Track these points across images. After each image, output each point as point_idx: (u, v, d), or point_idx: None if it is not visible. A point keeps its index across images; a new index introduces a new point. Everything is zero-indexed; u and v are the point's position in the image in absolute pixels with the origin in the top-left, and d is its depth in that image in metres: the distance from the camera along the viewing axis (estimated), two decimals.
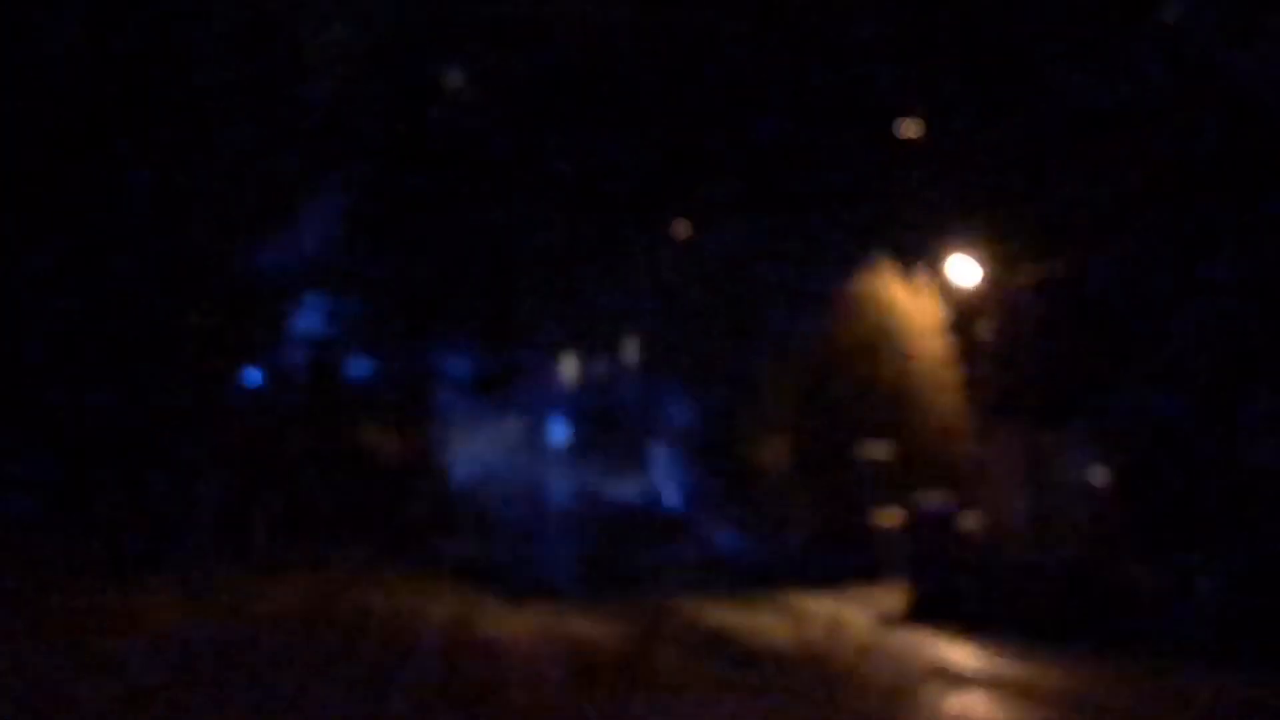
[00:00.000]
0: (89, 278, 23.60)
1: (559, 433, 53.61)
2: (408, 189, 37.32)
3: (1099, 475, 29.52)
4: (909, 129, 40.65)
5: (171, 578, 19.75)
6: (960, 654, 15.40)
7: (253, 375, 28.97)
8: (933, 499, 32.92)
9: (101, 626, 13.17)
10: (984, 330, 35.10)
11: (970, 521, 32.12)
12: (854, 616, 25.98)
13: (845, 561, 33.95)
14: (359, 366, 36.57)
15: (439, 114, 42.58)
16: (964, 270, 36.20)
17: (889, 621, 26.62)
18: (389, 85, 34.80)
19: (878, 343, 38.99)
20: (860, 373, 38.75)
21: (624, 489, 50.54)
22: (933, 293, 39.01)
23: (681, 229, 58.30)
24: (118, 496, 21.10)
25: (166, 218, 25.65)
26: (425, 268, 37.41)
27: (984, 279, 34.97)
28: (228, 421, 25.32)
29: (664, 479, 51.04)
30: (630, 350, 64.04)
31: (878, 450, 37.11)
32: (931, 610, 29.41)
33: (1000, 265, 33.70)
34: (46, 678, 10.81)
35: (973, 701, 8.46)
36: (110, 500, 20.78)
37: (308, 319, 31.77)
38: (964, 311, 37.41)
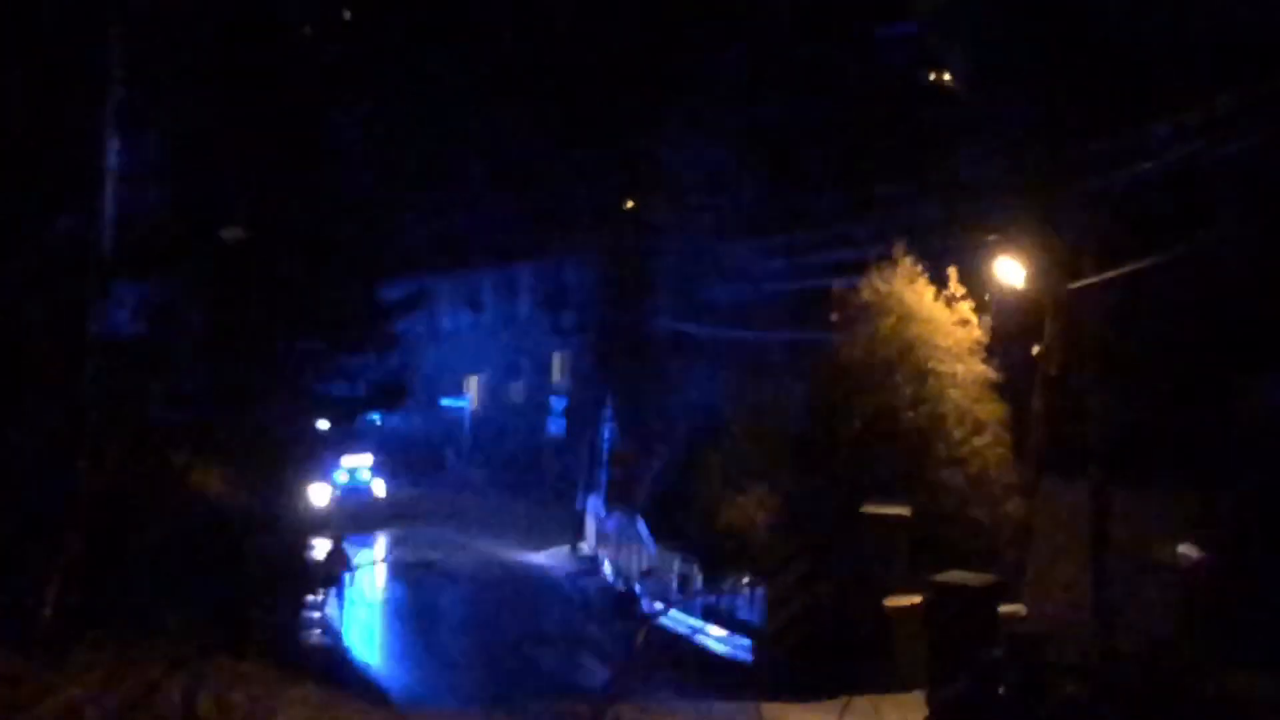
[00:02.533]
0: None
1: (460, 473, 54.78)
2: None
3: (1192, 550, 29.43)
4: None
5: None
6: None
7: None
8: (963, 578, 32.70)
9: None
10: (1038, 351, 34.94)
11: (1014, 608, 31.93)
12: None
13: (845, 660, 33.61)
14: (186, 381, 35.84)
15: None
16: (1010, 272, 36.04)
17: None
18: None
19: (895, 366, 38.77)
20: (871, 405, 38.51)
21: (550, 555, 50.85)
22: (969, 301, 38.83)
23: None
24: None
25: None
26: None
27: (1039, 281, 34.79)
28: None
29: (602, 543, 51.15)
30: (558, 370, 64.99)
31: (893, 510, 36.83)
32: None
33: (1063, 263, 33.55)
34: None
35: None
36: None
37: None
38: (1011, 326, 37.30)
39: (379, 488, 59.71)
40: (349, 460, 57.94)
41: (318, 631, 36.78)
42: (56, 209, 23.71)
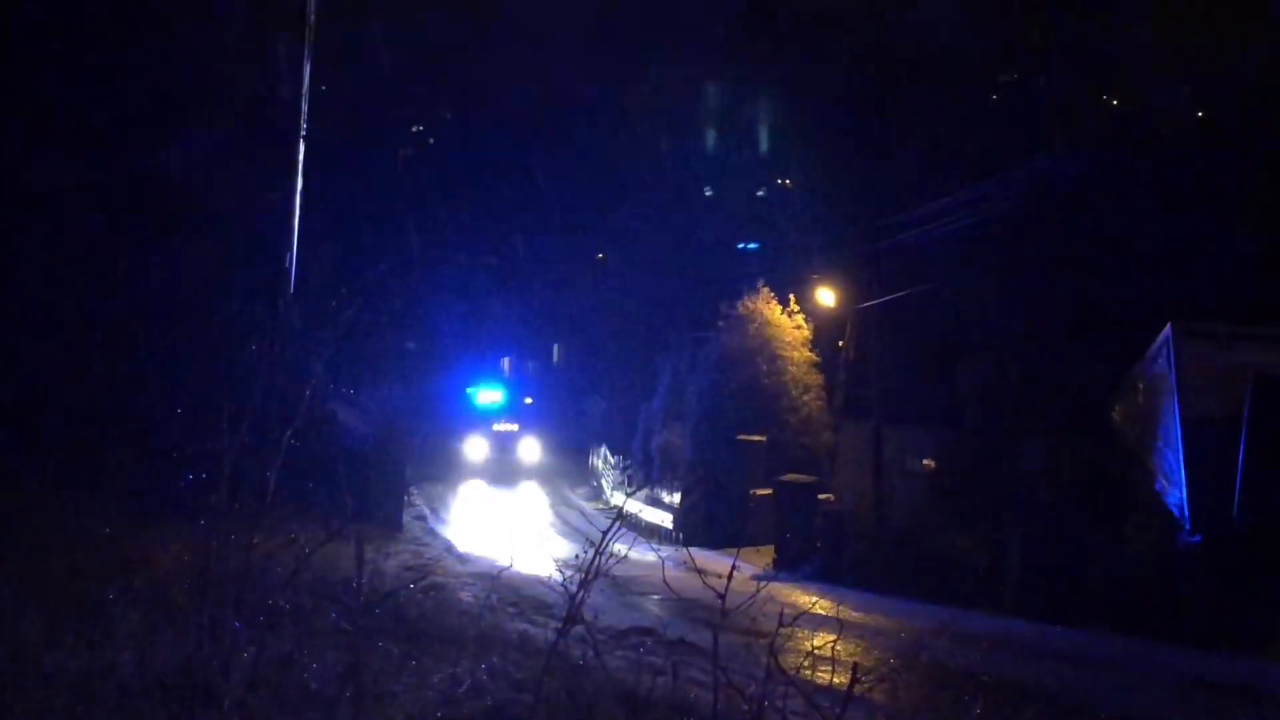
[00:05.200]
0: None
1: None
2: None
3: (929, 463, 29.94)
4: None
5: None
6: (811, 599, 15.75)
7: None
8: (796, 478, 33.32)
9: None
10: (841, 345, 35.59)
11: (826, 496, 32.51)
12: (728, 568, 26.00)
13: (727, 526, 34.06)
14: None
15: None
16: (825, 297, 36.88)
17: (759, 575, 26.79)
18: None
19: (759, 351, 39.26)
20: (744, 376, 38.96)
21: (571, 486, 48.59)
22: (800, 315, 39.47)
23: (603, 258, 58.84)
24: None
25: None
26: None
27: (842, 303, 35.52)
28: None
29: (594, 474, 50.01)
30: (556, 354, 63.76)
31: (756, 438, 37.31)
32: (792, 565, 29.81)
33: (855, 292, 34.18)
34: None
35: (821, 635, 8.86)
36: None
37: None
38: (826, 329, 37.99)
39: (527, 449, 49.96)
40: (500, 425, 50.48)
41: (416, 516, 35.87)
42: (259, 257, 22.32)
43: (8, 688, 7.18)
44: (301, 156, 19.30)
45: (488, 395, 52.30)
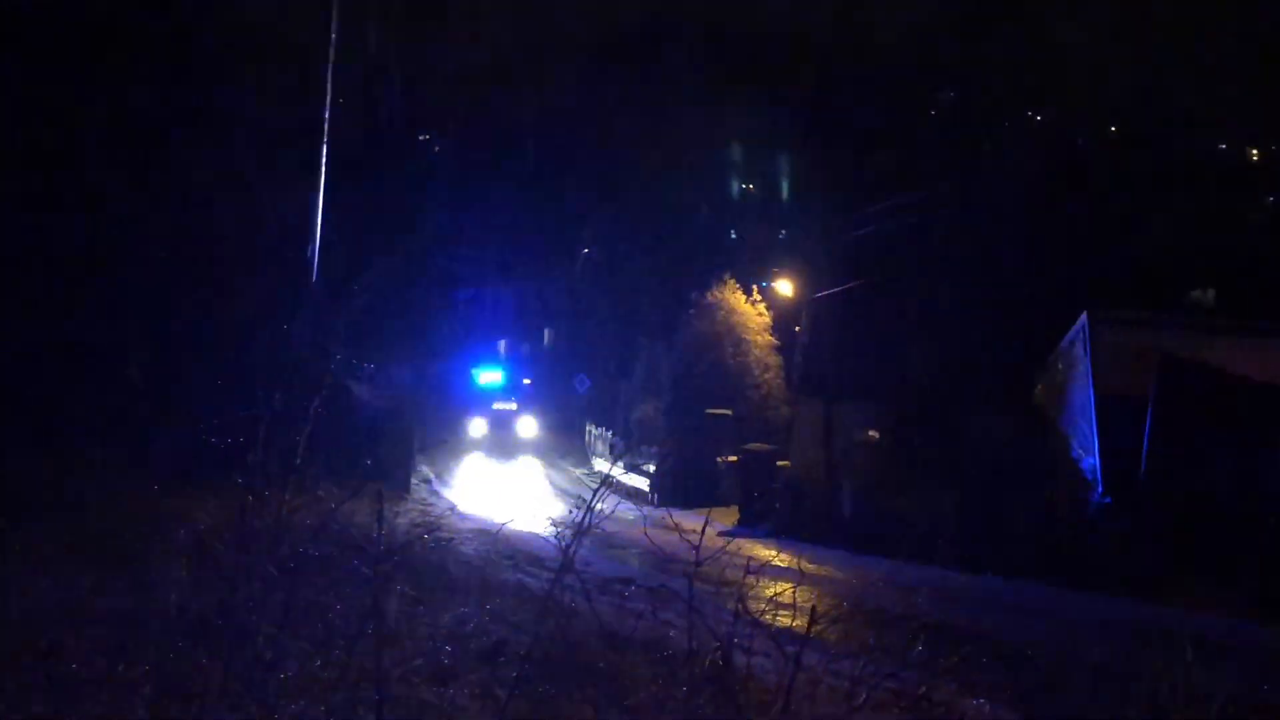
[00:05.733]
0: None
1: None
2: None
3: (873, 434, 30.00)
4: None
5: None
6: (771, 553, 15.81)
7: None
8: (758, 447, 33.41)
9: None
10: (798, 330, 35.63)
11: (784, 462, 32.60)
12: (696, 523, 26.01)
13: (698, 489, 34.08)
14: None
15: None
16: (784, 288, 36.98)
17: (726, 531, 26.83)
18: None
19: (726, 336, 39.32)
20: (712, 357, 39.01)
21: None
22: (763, 303, 39.56)
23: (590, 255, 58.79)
24: None
25: None
26: None
27: (799, 293, 35.59)
28: None
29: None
30: (547, 337, 63.67)
31: (723, 412, 37.36)
32: (753, 523, 29.89)
33: (811, 284, 34.23)
34: None
35: (779, 584, 8.95)
36: None
37: None
38: (785, 317, 38.07)
39: (525, 427, 47.88)
40: (499, 405, 48.79)
41: (422, 479, 35.52)
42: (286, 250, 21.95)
43: (64, 628, 7.24)
44: (324, 160, 19.24)
45: (488, 376, 51.06)
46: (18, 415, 14.71)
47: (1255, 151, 53.72)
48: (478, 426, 46.53)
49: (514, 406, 48.41)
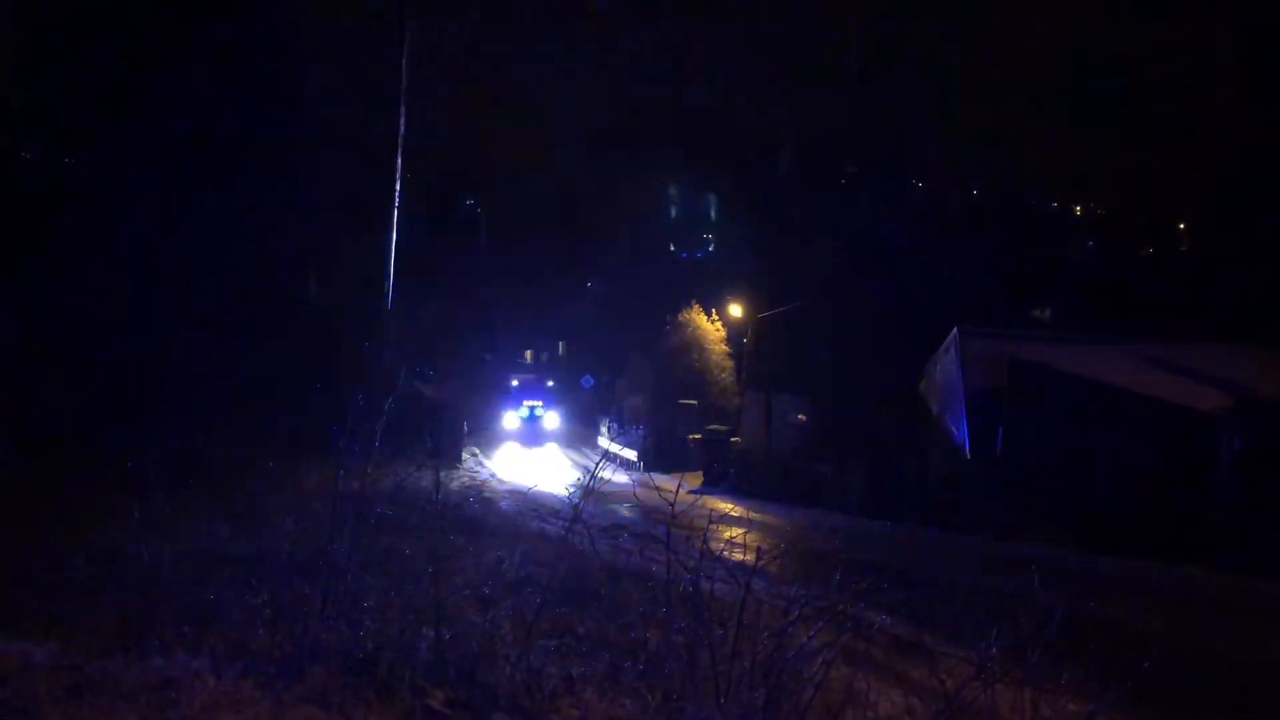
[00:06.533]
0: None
1: None
2: None
3: (800, 418, 30.03)
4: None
5: None
6: (728, 506, 15.84)
7: None
8: (717, 428, 33.36)
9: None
10: (746, 341, 35.64)
11: (737, 439, 32.58)
12: (672, 485, 25.93)
13: (673, 459, 34.06)
14: None
15: None
16: (735, 311, 36.91)
17: (693, 490, 26.64)
18: None
19: (692, 346, 39.35)
20: (683, 362, 39.04)
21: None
22: (719, 321, 39.54)
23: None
24: None
25: None
26: None
27: (747, 313, 35.57)
28: None
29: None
30: (561, 349, 63.46)
31: (691, 402, 37.36)
32: (714, 484, 29.83)
33: (756, 307, 34.23)
34: None
35: (734, 530, 8.96)
36: None
37: None
38: (737, 331, 38.08)
39: (550, 420, 43.65)
40: (529, 402, 44.21)
41: (470, 454, 34.90)
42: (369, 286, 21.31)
43: (208, 564, 7.20)
44: (395, 215, 19.04)
45: (520, 379, 49.30)
46: (176, 401, 14.71)
47: (1078, 207, 54.22)
48: (511, 420, 43.88)
49: (540, 404, 45.01)
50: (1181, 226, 44.56)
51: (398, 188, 17.94)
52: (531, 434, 43.03)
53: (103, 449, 11.35)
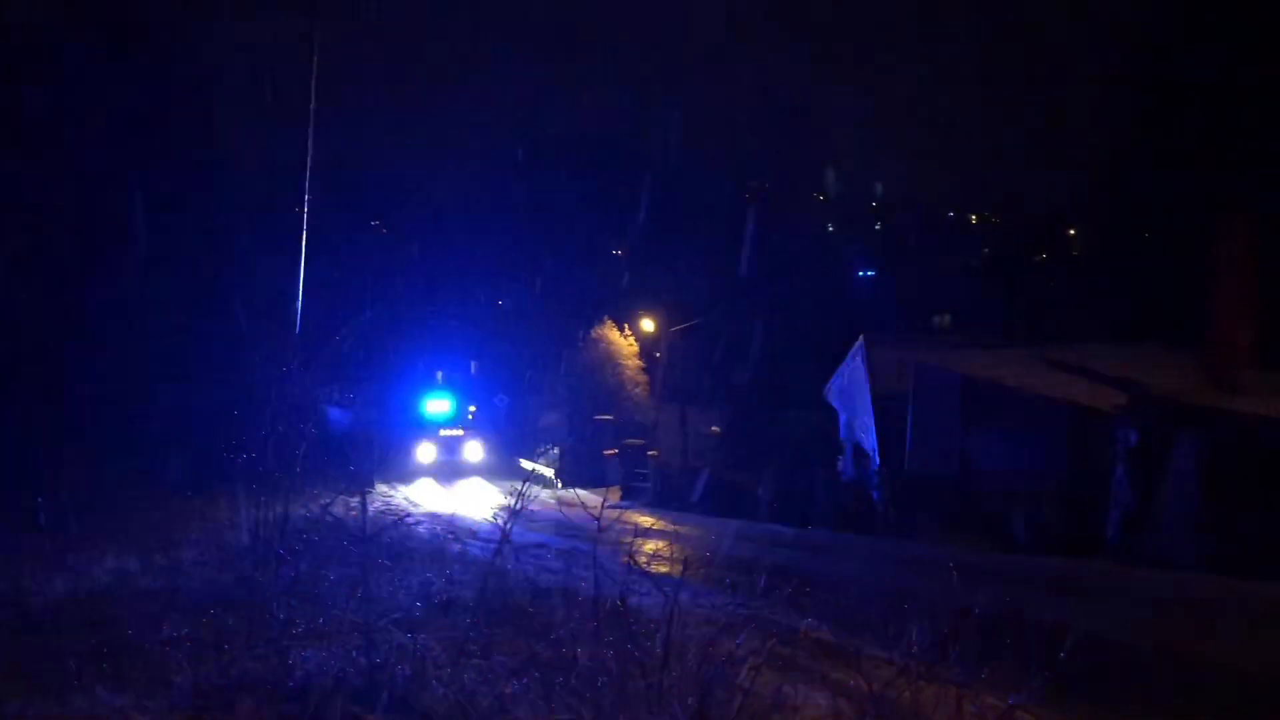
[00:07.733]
0: None
1: None
2: None
3: (714, 430, 30.27)
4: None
5: None
6: (649, 520, 15.82)
7: None
8: (633, 442, 33.37)
9: None
10: (659, 355, 35.79)
11: (654, 451, 32.62)
12: (592, 500, 25.77)
13: (592, 475, 33.86)
14: None
15: None
16: (648, 325, 37.08)
17: (613, 505, 26.63)
18: None
19: (606, 362, 39.34)
20: (598, 377, 38.99)
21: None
22: (631, 336, 39.64)
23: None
24: None
25: None
26: None
27: (659, 328, 35.76)
28: None
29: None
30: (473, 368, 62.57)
31: (606, 417, 37.28)
32: (633, 498, 29.82)
33: (667, 322, 34.41)
34: None
35: (657, 542, 9.01)
36: None
37: None
38: (649, 346, 38.23)
39: (470, 450, 37.27)
40: (446, 431, 37.34)
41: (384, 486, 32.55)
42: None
43: (115, 601, 7.00)
44: (304, 234, 18.68)
45: (435, 405, 40.14)
46: (71, 439, 14.36)
47: (974, 216, 56.02)
48: (426, 452, 37.27)
49: (460, 432, 38.92)
50: (1071, 232, 46.19)
51: (305, 211, 17.61)
52: (450, 470, 36.75)
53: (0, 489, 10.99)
